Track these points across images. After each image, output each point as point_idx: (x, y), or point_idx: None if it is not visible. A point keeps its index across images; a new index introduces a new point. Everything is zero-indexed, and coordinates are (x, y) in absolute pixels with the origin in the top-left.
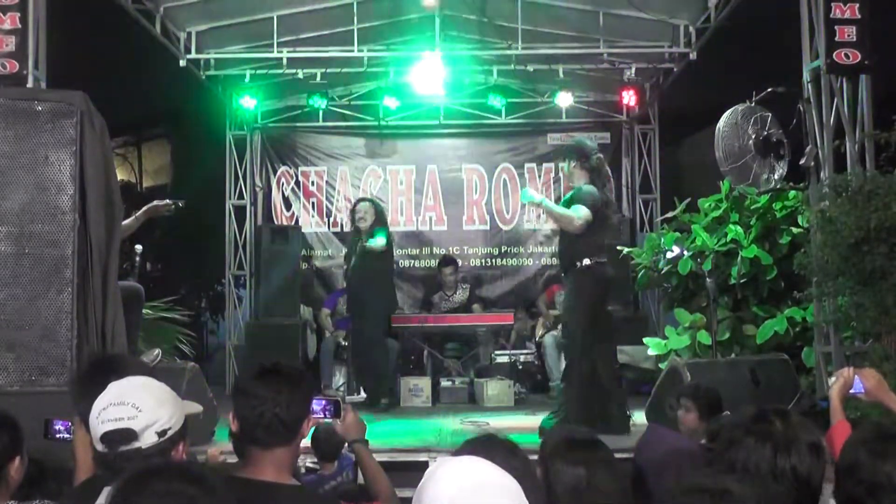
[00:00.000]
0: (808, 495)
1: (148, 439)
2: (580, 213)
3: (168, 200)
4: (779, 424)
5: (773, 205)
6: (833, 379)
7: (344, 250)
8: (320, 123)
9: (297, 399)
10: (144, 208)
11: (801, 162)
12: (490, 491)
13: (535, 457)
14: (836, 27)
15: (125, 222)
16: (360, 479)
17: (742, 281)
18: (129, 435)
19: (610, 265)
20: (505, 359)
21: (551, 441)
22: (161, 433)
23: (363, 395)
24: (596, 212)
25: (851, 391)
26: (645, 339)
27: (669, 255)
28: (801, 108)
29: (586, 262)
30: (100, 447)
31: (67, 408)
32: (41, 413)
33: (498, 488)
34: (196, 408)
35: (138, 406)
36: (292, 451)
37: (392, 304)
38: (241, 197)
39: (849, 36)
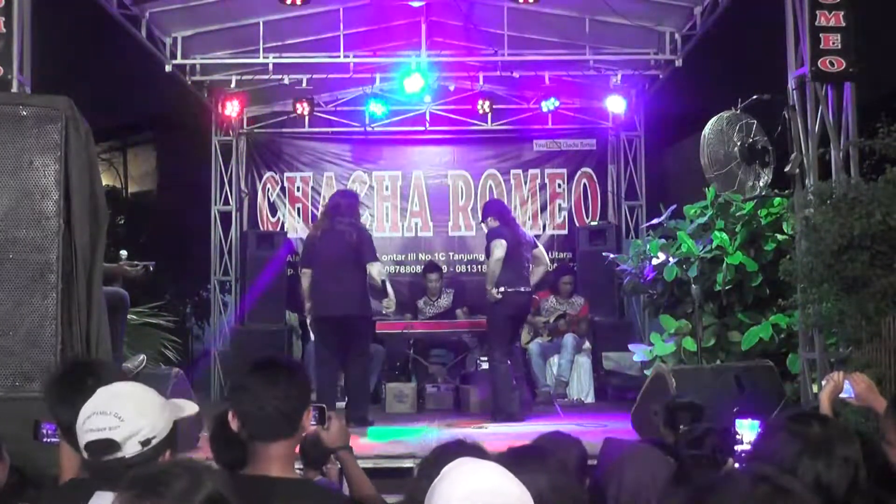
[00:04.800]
0: None
1: (131, 449)
2: (497, 251)
3: (138, 264)
4: (817, 428)
5: (759, 212)
6: (823, 383)
7: None
8: (306, 129)
9: (295, 390)
10: (113, 265)
11: (786, 169)
12: (500, 497)
13: None
14: (821, 35)
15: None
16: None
17: (727, 287)
18: (111, 445)
19: (526, 292)
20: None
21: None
22: (144, 442)
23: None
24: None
25: (842, 395)
26: (630, 346)
27: (655, 261)
28: (786, 116)
29: (502, 289)
30: (85, 455)
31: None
32: (25, 418)
33: (507, 496)
34: (191, 408)
35: (120, 416)
36: (294, 444)
37: None
38: (226, 202)
39: (834, 44)
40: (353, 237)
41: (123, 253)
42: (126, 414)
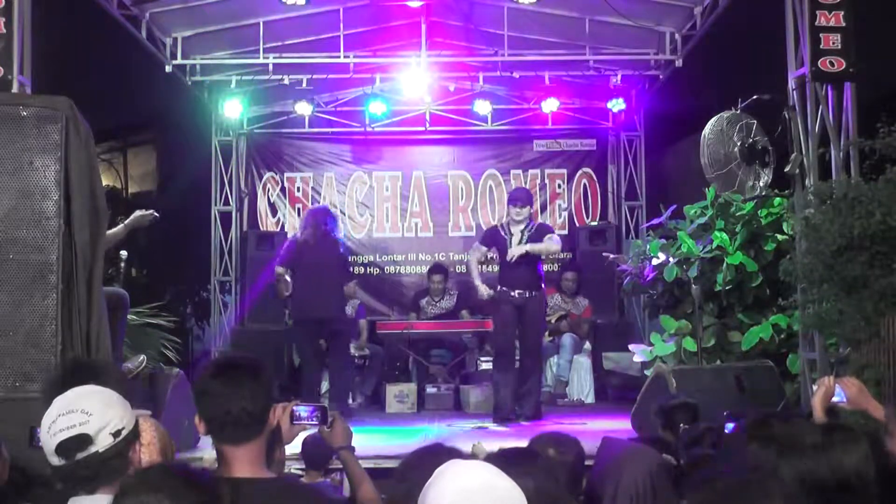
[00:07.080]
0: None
1: (103, 441)
2: (558, 240)
3: (151, 210)
4: (779, 428)
5: (759, 212)
6: (815, 388)
7: None
8: (306, 129)
9: (260, 389)
10: (131, 217)
11: (786, 169)
12: (493, 495)
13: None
14: (821, 35)
15: (113, 231)
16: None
17: (727, 288)
18: (84, 440)
19: None
20: (490, 365)
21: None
22: (115, 433)
23: (354, 401)
24: None
25: (833, 399)
26: (630, 346)
27: (655, 261)
28: (787, 116)
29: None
30: (56, 460)
31: None
32: (25, 419)
33: (500, 492)
34: (143, 413)
35: (87, 411)
36: (263, 442)
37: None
38: (226, 203)
39: (834, 44)
40: (338, 248)
41: (123, 253)
42: (93, 408)
